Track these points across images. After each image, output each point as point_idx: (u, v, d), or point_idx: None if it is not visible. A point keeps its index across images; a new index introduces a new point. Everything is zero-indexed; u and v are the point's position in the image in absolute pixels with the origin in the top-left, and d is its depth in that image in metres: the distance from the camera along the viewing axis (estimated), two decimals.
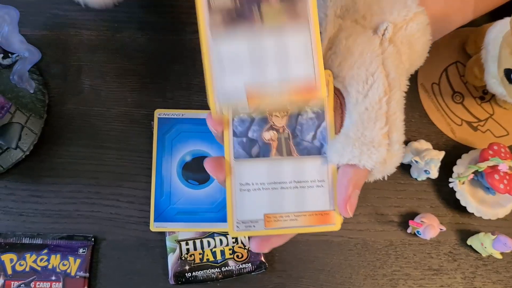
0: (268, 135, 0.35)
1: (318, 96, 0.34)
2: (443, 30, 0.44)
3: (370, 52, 0.35)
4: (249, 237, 0.48)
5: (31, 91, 0.48)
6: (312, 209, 0.34)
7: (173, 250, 0.47)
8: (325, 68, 0.35)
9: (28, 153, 0.48)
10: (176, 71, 0.53)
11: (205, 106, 0.51)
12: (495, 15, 0.49)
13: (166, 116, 0.51)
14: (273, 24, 0.35)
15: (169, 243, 0.47)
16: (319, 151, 0.35)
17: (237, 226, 0.33)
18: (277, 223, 0.34)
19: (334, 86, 0.36)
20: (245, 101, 0.34)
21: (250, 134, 0.35)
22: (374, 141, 0.33)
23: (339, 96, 0.36)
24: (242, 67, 0.33)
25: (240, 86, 0.33)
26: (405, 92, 0.36)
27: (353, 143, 0.33)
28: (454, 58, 0.55)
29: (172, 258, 0.47)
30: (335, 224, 0.34)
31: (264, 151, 0.35)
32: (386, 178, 0.35)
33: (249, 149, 0.35)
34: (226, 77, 0.34)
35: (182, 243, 0.47)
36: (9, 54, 0.48)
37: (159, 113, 0.51)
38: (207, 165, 0.34)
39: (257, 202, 0.34)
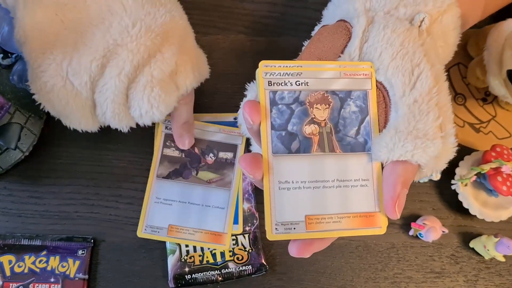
0: (309, 129, 0.32)
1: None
2: (463, 26, 0.43)
3: (412, 42, 0.34)
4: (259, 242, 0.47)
5: (31, 92, 0.48)
6: (357, 210, 0.32)
7: (173, 252, 0.47)
8: (364, 61, 0.34)
9: (27, 154, 0.48)
10: None
11: (204, 109, 0.51)
12: (497, 16, 0.49)
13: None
14: (203, 179, 0.48)
15: (169, 244, 0.47)
16: (363, 147, 0.33)
17: (276, 229, 0.31)
18: (320, 226, 0.31)
19: (376, 79, 0.34)
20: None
21: (289, 128, 0.32)
22: (428, 134, 0.31)
23: (381, 89, 0.34)
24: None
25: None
26: None
27: (405, 137, 0.31)
28: (456, 59, 0.55)
29: (172, 260, 0.46)
30: (381, 227, 0.32)
31: (305, 146, 0.32)
32: (428, 180, 0.34)
33: (288, 143, 0.32)
34: (155, 215, 0.47)
35: (182, 245, 0.47)
36: (9, 54, 0.48)
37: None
38: (243, 162, 0.31)
39: (298, 202, 0.31)
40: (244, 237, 0.47)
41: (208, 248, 0.47)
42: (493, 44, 0.48)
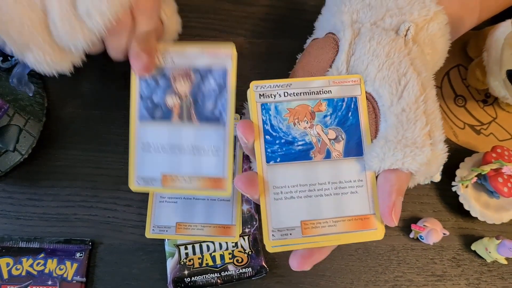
0: (170, 100, 0.37)
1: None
2: (457, 31, 0.43)
3: (398, 53, 0.34)
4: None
5: (30, 94, 0.48)
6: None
7: (172, 255, 0.46)
8: (352, 73, 0.35)
9: (26, 157, 0.48)
10: None
11: None
12: (496, 17, 0.49)
13: None
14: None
15: (168, 247, 0.47)
16: (218, 120, 0.37)
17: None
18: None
19: (365, 90, 0.35)
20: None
21: (155, 99, 0.37)
22: (417, 142, 0.32)
23: (370, 100, 0.35)
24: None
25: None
26: None
27: (394, 146, 0.32)
28: (456, 61, 0.54)
29: (171, 263, 0.46)
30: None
31: (165, 115, 0.37)
32: (429, 182, 0.34)
33: (152, 112, 0.37)
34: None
35: (181, 247, 0.47)
36: (9, 57, 0.48)
37: None
38: (239, 182, 0.32)
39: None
40: (244, 239, 0.47)
41: (208, 251, 0.46)
42: (492, 45, 0.48)
